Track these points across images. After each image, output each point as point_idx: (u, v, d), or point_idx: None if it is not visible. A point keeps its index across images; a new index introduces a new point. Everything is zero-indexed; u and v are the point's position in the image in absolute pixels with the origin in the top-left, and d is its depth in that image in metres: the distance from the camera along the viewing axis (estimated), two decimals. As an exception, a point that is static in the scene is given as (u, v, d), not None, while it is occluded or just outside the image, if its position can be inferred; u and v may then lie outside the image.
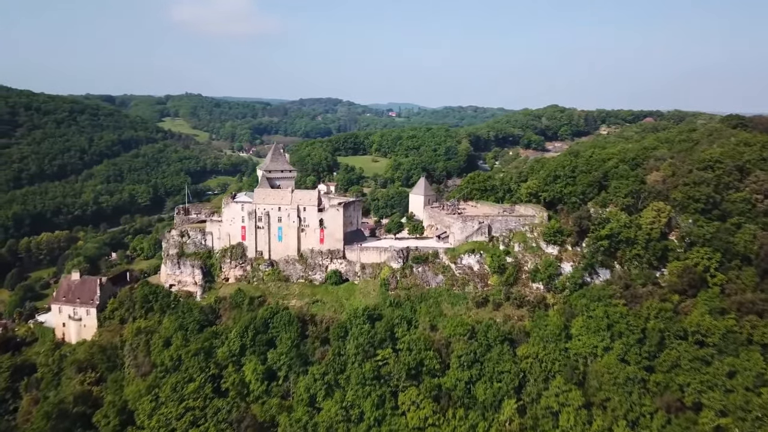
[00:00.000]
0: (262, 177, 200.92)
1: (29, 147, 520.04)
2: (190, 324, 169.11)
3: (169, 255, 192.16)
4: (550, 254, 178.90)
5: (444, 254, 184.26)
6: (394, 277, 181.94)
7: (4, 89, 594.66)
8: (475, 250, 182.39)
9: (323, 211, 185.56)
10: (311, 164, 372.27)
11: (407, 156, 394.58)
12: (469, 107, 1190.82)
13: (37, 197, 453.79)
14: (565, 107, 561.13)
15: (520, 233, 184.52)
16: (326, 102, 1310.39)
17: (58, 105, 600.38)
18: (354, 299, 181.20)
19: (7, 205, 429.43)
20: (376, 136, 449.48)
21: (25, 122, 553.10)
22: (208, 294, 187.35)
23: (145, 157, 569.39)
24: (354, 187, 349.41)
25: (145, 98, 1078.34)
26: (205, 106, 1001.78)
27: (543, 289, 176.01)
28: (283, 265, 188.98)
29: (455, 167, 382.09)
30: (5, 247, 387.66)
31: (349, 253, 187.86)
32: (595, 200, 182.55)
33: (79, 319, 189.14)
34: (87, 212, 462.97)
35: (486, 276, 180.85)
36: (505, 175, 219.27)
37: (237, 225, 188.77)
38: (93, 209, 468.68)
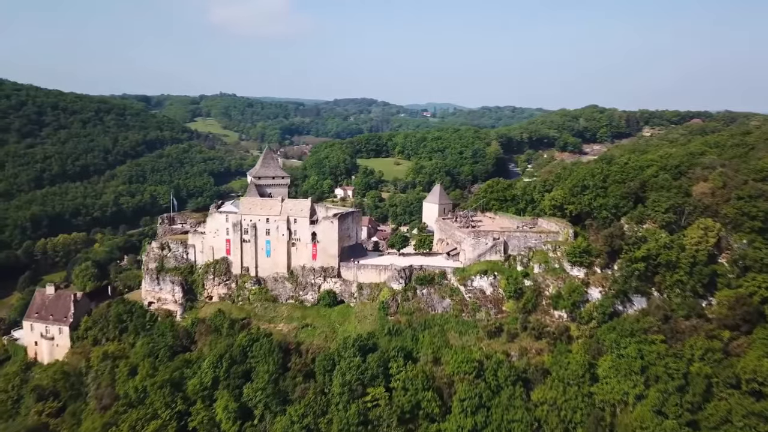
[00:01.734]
0: (250, 184, 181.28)
1: (53, 147, 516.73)
2: (161, 350, 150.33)
3: (148, 269, 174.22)
4: (575, 278, 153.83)
5: (452, 275, 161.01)
6: (395, 301, 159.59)
7: (33, 89, 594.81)
8: (488, 270, 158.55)
9: (316, 223, 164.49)
10: (329, 167, 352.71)
11: (431, 159, 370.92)
12: (506, 107, 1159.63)
13: (56, 198, 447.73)
14: (605, 107, 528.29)
15: (540, 252, 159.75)
16: (360, 102, 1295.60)
17: (85, 105, 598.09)
18: (348, 325, 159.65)
19: (26, 206, 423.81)
20: (399, 138, 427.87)
21: (51, 122, 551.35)
22: (189, 314, 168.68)
23: (168, 158, 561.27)
24: (372, 192, 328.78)
25: (180, 98, 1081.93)
26: (238, 106, 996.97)
27: (566, 318, 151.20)
28: (271, 284, 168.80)
29: (482, 171, 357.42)
30: (21, 248, 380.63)
31: (345, 271, 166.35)
32: (629, 215, 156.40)
33: (51, 337, 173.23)
34: (106, 214, 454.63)
35: (500, 301, 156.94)
36: (528, 183, 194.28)
37: (221, 238, 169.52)
38: (113, 211, 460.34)
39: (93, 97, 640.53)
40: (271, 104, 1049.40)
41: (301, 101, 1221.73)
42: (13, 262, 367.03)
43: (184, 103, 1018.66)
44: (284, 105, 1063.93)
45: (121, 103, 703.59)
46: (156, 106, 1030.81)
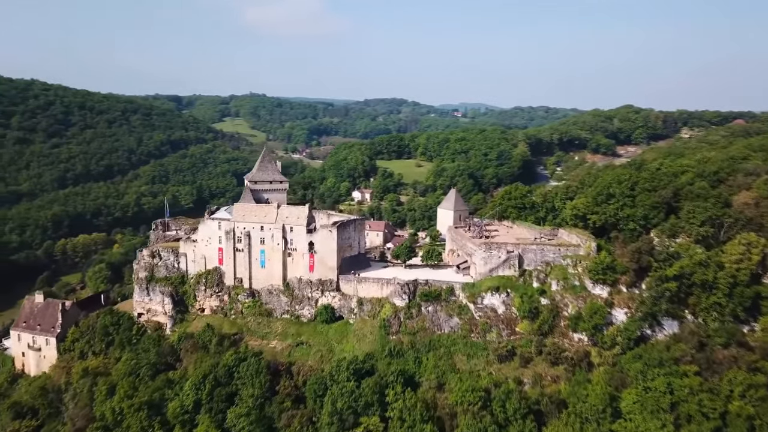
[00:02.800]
0: (245, 189, 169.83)
1: (78, 147, 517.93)
2: (143, 367, 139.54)
3: (138, 279, 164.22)
4: (597, 297, 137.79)
5: (461, 291, 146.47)
6: (397, 318, 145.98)
7: (62, 89, 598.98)
8: (501, 287, 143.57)
9: (313, 232, 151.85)
10: (347, 169, 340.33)
11: (453, 161, 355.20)
12: (540, 108, 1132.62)
13: (78, 198, 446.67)
14: (640, 108, 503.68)
15: (559, 267, 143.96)
16: (391, 102, 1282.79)
17: (112, 104, 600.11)
18: (346, 344, 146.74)
19: (48, 206, 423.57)
20: (421, 139, 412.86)
21: (77, 122, 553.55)
22: (179, 327, 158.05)
23: (192, 158, 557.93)
24: (390, 195, 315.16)
25: (210, 98, 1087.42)
26: (267, 106, 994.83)
27: (587, 342, 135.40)
28: (265, 296, 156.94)
29: (507, 174, 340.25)
30: (41, 249, 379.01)
31: (345, 285, 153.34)
32: (660, 228, 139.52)
33: (38, 348, 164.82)
34: (128, 214, 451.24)
35: (513, 321, 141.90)
36: (548, 190, 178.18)
37: (214, 246, 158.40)
38: (134, 211, 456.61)
39: (120, 96, 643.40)
40: (300, 104, 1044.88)
41: (331, 101, 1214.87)
42: (32, 263, 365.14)
43: (213, 103, 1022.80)
44: (313, 105, 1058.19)
45: (148, 103, 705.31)
46: (187, 106, 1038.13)
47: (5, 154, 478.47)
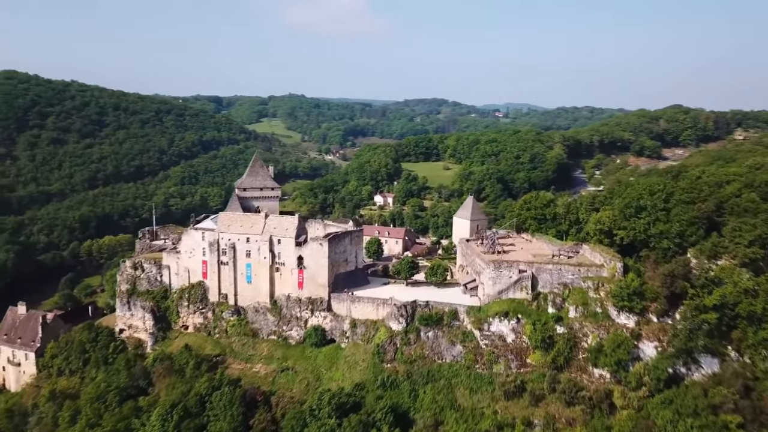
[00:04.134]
0: (232, 196, 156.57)
1: (111, 147, 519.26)
2: (111, 392, 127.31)
3: (120, 292, 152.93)
4: (622, 327, 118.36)
5: (466, 315, 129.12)
6: (393, 344, 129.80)
7: (98, 90, 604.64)
8: (511, 312, 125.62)
9: (303, 245, 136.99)
10: (369, 172, 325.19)
11: (483, 163, 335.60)
12: (584, 108, 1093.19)
13: (107, 199, 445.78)
14: (690, 108, 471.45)
15: (578, 291, 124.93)
16: (431, 103, 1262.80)
17: (146, 105, 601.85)
18: (336, 371, 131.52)
19: (76, 206, 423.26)
20: (451, 140, 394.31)
21: (111, 122, 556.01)
22: (160, 345, 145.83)
23: (222, 159, 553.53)
24: (413, 200, 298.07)
25: (250, 99, 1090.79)
26: (304, 106, 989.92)
27: (608, 380, 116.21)
28: (251, 315, 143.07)
29: (541, 178, 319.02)
30: (68, 249, 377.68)
31: (337, 304, 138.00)
32: (699, 247, 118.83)
33: (18, 363, 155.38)
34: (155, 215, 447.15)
35: (524, 352, 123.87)
36: (573, 199, 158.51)
37: (197, 258, 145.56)
38: (162, 212, 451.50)
39: (154, 97, 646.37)
40: (338, 105, 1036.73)
41: (369, 102, 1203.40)
42: (58, 264, 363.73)
43: (252, 103, 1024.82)
44: (350, 106, 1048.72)
45: (182, 103, 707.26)
46: (227, 107, 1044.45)
47: (39, 154, 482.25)
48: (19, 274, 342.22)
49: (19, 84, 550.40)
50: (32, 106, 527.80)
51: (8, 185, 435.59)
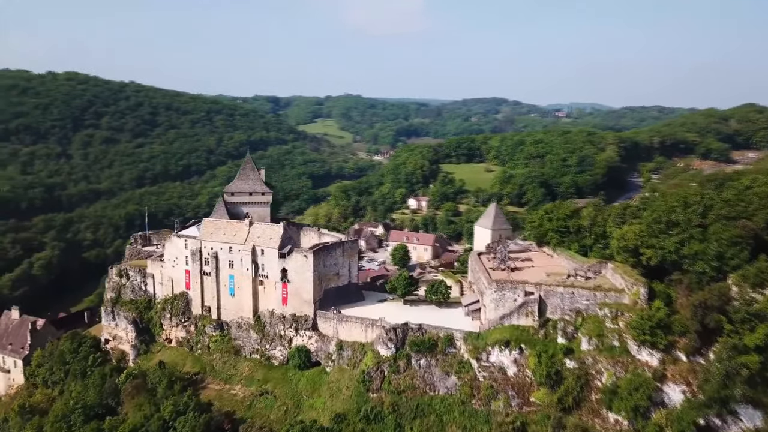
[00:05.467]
0: (219, 202, 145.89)
1: (161, 147, 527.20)
2: (77, 410, 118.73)
3: (105, 300, 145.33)
4: (644, 365, 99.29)
5: (463, 341, 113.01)
6: (380, 372, 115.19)
7: (153, 90, 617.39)
8: (513, 341, 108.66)
9: (287, 256, 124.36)
10: (404, 173, 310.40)
11: (527, 166, 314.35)
12: (653, 107, 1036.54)
13: (153, 197, 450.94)
14: (765, 106, 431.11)
15: (594, 319, 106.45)
16: (489, 102, 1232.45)
17: (197, 105, 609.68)
18: (318, 398, 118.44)
19: (123, 204, 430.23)
20: (495, 141, 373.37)
21: (162, 122, 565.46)
22: (142, 359, 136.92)
23: (269, 159, 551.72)
24: (447, 204, 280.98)
25: (307, 99, 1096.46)
26: (359, 107, 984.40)
27: (625, 427, 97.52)
28: (234, 331, 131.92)
29: (589, 182, 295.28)
30: (112, 247, 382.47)
31: (323, 323, 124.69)
32: (742, 272, 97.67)
33: (7, 371, 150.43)
34: (199, 214, 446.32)
35: (527, 388, 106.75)
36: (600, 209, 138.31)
37: (181, 267, 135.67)
38: (205, 212, 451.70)
39: (206, 97, 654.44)
40: (393, 105, 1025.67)
41: (426, 102, 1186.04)
42: (102, 261, 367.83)
43: (308, 104, 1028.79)
44: (405, 106, 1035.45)
45: (232, 103, 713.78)
46: (284, 107, 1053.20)
47: (92, 153, 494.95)
48: (64, 270, 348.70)
49: (78, 85, 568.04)
50: (89, 106, 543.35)
51: (61, 183, 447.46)
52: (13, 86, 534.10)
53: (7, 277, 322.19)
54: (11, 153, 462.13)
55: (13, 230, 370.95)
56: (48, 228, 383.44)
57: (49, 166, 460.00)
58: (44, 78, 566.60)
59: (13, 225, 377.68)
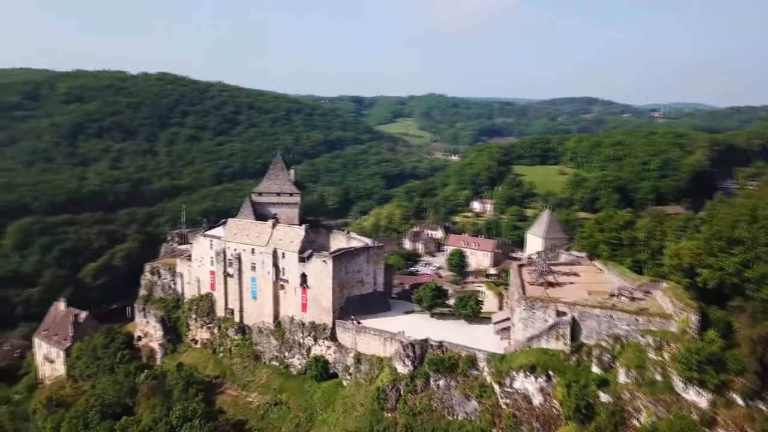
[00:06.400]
0: (245, 202, 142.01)
1: (241, 145, 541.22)
2: (94, 408, 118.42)
3: (139, 297, 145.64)
4: (690, 405, 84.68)
5: (486, 363, 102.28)
6: (396, 390, 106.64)
7: (237, 89, 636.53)
8: (539, 366, 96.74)
9: (306, 261, 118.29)
10: (470, 175, 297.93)
11: (603, 169, 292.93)
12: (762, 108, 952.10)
13: (229, 194, 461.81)
14: None
15: (634, 348, 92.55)
16: (580, 101, 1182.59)
17: (279, 104, 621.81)
18: (331, 413, 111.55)
19: (200, 201, 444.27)
20: (571, 142, 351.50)
21: (244, 121, 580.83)
22: (168, 358, 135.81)
23: (344, 158, 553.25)
24: (513, 208, 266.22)
25: (390, 99, 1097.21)
26: (442, 106, 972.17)
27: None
28: (256, 335, 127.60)
29: (672, 188, 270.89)
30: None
31: (342, 333, 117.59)
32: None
33: (52, 360, 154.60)
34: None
35: (554, 420, 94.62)
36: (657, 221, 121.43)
37: (206, 268, 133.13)
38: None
39: (288, 96, 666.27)
40: (476, 104, 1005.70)
41: (512, 101, 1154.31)
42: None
43: (391, 103, 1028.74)
44: (490, 105, 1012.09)
45: (313, 103, 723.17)
46: (368, 107, 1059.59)
47: (176, 150, 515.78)
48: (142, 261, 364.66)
49: (167, 85, 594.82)
50: (176, 105, 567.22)
51: (146, 179, 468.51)
52: (109, 86, 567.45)
53: (90, 266, 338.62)
54: (103, 149, 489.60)
55: (100, 222, 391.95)
56: (131, 221, 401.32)
57: (136, 162, 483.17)
58: (137, 78, 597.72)
59: (101, 217, 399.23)
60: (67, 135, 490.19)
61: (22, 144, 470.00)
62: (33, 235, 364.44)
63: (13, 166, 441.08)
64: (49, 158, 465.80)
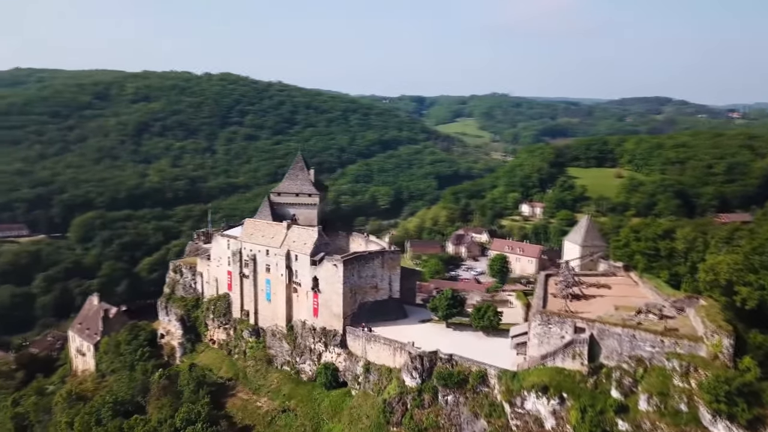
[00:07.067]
0: (264, 202, 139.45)
1: (296, 144, 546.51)
2: (107, 404, 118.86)
3: (163, 295, 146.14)
4: (718, 441, 75.17)
5: (497, 380, 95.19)
6: (402, 403, 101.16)
7: (296, 89, 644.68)
8: (552, 387, 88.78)
9: (318, 264, 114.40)
10: (519, 177, 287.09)
11: (663, 173, 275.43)
12: None
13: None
14: None
15: (659, 372, 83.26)
16: (651, 101, 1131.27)
17: (335, 104, 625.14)
18: (337, 423, 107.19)
19: (253, 198, 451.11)
20: (630, 143, 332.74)
21: (301, 120, 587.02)
22: (188, 358, 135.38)
23: (398, 158, 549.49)
24: (563, 212, 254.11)
25: (451, 99, 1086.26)
26: (504, 106, 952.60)
27: None
28: (269, 339, 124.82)
29: (738, 193, 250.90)
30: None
31: (352, 341, 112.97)
32: None
33: (84, 354, 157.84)
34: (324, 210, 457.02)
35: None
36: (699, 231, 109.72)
37: (224, 268, 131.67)
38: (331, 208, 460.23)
39: (344, 96, 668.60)
40: (540, 104, 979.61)
41: (577, 101, 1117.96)
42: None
43: (451, 103, 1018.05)
44: (554, 105, 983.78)
45: (369, 102, 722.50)
46: (428, 107, 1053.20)
47: (234, 149, 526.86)
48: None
49: (228, 85, 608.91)
50: (235, 104, 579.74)
51: (203, 176, 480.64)
52: (174, 86, 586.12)
53: (146, 261, 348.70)
54: (165, 147, 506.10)
55: (158, 218, 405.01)
56: (186, 218, 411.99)
57: (195, 160, 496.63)
58: (200, 78, 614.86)
59: (159, 213, 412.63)
60: (133, 133, 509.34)
61: (90, 141, 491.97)
62: (95, 229, 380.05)
63: (82, 163, 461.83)
64: (114, 155, 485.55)
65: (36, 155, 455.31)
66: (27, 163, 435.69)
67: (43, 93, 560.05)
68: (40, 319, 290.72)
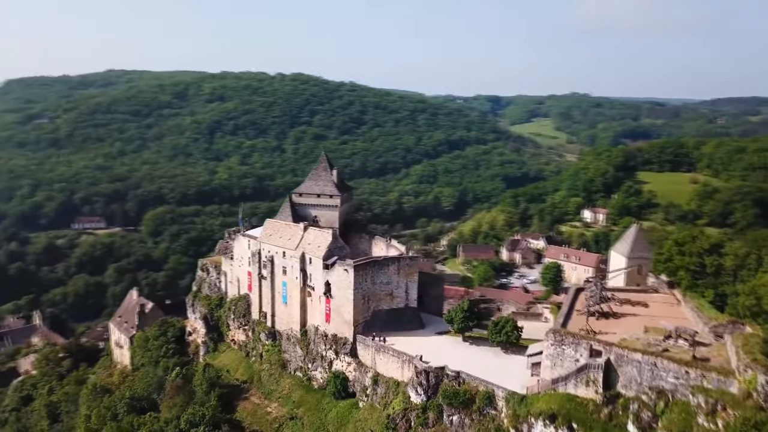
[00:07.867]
0: (285, 202, 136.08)
1: (363, 144, 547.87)
2: (124, 400, 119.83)
3: (191, 292, 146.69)
4: (745, 494, 64.23)
5: (504, 402, 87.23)
6: (406, 420, 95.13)
7: (366, 89, 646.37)
8: (561, 416, 79.92)
9: (330, 268, 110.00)
10: (583, 181, 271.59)
11: (744, 179, 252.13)
12: None
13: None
14: None
15: (682, 407, 72.73)
16: (748, 102, 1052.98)
17: (403, 104, 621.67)
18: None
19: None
20: (708, 147, 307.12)
21: (369, 120, 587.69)
22: (210, 357, 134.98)
23: (465, 159, 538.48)
24: (627, 219, 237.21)
25: (527, 98, 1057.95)
26: (583, 106, 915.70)
27: None
28: (284, 343, 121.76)
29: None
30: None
31: (363, 350, 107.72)
32: None
33: (122, 346, 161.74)
34: (387, 211, 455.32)
35: (574, 483, 77.59)
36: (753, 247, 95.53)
37: (244, 268, 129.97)
38: (393, 209, 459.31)
39: (413, 96, 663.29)
40: (622, 104, 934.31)
41: (663, 101, 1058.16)
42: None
43: (528, 102, 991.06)
44: (638, 105, 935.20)
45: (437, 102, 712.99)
46: (504, 107, 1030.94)
47: (302, 148, 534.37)
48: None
49: (300, 85, 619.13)
50: (306, 104, 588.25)
51: (271, 174, 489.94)
52: (247, 86, 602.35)
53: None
54: (236, 145, 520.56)
55: (225, 214, 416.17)
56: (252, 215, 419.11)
57: (264, 159, 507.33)
58: (273, 79, 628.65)
59: (226, 210, 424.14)
60: (206, 132, 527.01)
61: (166, 139, 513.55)
62: (165, 224, 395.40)
63: (157, 160, 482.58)
64: (188, 153, 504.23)
65: (116, 152, 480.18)
66: (108, 159, 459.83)
67: (128, 93, 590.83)
68: (108, 308, 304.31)
